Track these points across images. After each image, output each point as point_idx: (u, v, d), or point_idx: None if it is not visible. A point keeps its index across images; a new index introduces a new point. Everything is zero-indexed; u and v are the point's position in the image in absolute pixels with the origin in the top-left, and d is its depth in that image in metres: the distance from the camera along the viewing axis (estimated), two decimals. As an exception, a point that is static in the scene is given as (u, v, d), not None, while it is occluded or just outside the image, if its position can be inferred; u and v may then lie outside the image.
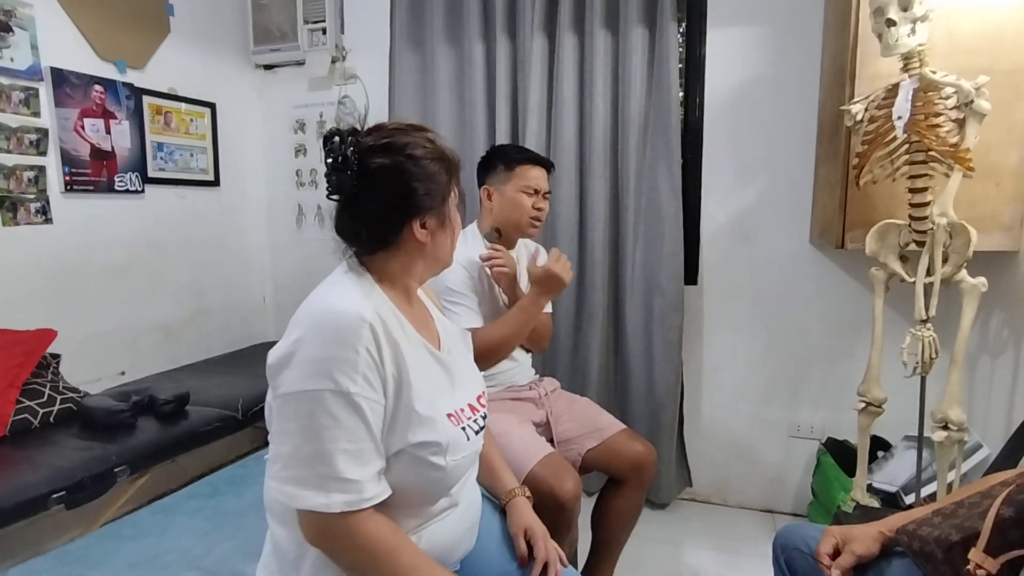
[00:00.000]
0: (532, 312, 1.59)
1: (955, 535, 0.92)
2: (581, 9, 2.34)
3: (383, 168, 0.93)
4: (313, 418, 0.84)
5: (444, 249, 1.04)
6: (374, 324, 0.88)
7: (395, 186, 0.94)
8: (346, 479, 0.84)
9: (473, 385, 1.10)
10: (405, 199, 0.95)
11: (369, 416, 0.87)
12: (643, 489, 1.67)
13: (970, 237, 1.59)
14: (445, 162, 0.99)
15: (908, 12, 1.53)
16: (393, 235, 0.97)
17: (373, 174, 0.93)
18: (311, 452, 0.84)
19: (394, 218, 0.96)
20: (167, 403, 1.99)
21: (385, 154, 0.94)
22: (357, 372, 0.86)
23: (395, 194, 0.95)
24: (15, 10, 1.99)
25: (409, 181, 0.95)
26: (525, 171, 1.69)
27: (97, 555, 1.22)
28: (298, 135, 2.98)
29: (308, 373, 0.85)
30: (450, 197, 1.01)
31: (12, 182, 2.01)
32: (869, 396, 1.80)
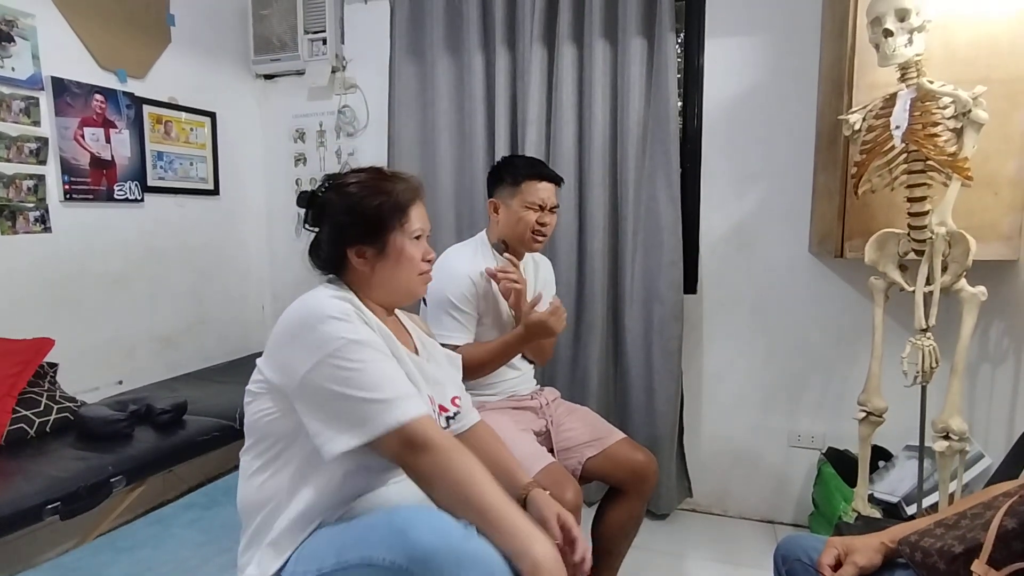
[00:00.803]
0: (515, 349, 1.63)
1: (958, 546, 0.91)
2: (580, 20, 2.35)
3: (327, 203, 1.10)
4: (340, 373, 0.93)
5: (396, 279, 1.12)
6: (352, 305, 1.01)
7: (333, 218, 1.09)
8: (395, 398, 0.93)
9: (446, 389, 1.18)
10: (340, 230, 1.09)
11: (381, 348, 0.98)
12: (644, 499, 1.66)
13: (969, 246, 1.59)
14: (387, 196, 1.09)
15: (905, 22, 1.54)
16: (338, 261, 1.10)
17: (322, 208, 1.10)
18: (357, 394, 0.92)
19: (335, 246, 1.09)
20: (164, 412, 1.98)
21: (332, 191, 1.10)
22: (352, 323, 0.97)
23: (333, 225, 1.09)
24: (17, 20, 2.00)
25: (342, 214, 1.08)
26: (530, 186, 1.68)
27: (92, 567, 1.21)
28: (298, 144, 2.98)
29: (313, 347, 0.95)
30: (395, 229, 1.09)
31: (11, 191, 2.01)
32: (870, 405, 1.80)
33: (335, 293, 1.05)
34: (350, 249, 1.08)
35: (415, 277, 1.13)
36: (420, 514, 0.86)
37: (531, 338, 1.59)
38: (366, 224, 1.08)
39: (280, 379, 1.00)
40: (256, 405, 1.06)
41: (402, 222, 1.10)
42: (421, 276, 1.14)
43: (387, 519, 0.88)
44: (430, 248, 1.17)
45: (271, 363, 1.03)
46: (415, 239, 1.12)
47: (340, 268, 1.11)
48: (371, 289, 1.11)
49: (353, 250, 1.08)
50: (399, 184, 1.12)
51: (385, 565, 0.82)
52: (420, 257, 1.13)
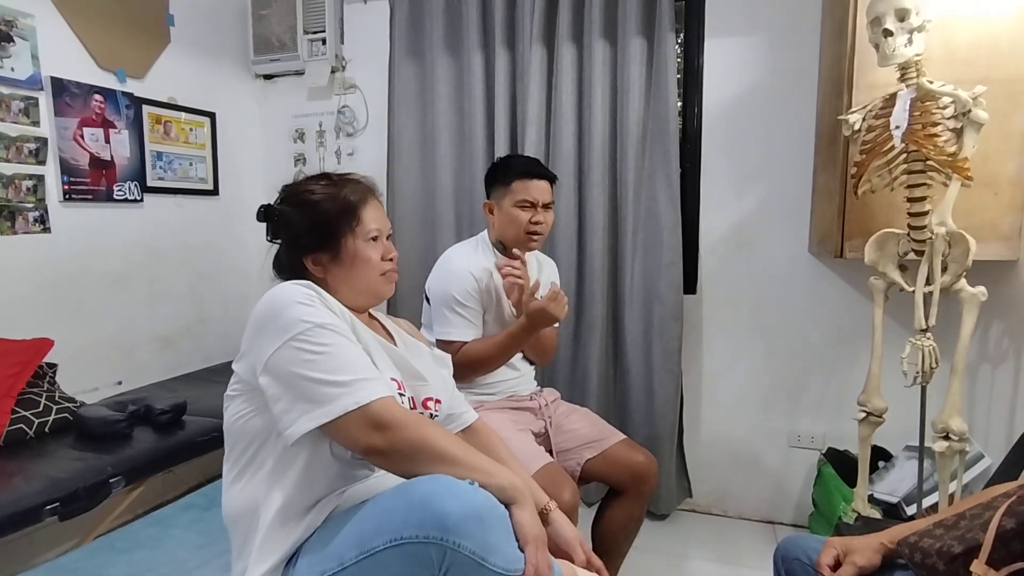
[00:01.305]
0: (520, 340, 1.62)
1: (957, 547, 0.91)
2: (579, 20, 2.35)
3: (281, 214, 1.13)
4: (304, 355, 0.92)
5: (355, 282, 1.11)
6: (315, 291, 1.00)
7: (287, 229, 1.12)
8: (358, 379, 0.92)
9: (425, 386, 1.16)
10: (294, 239, 1.11)
11: (346, 334, 0.97)
12: (644, 500, 1.66)
13: (969, 246, 1.59)
14: (335, 200, 1.10)
15: (905, 22, 1.54)
16: (297, 270, 1.11)
17: (277, 220, 1.14)
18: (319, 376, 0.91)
19: (291, 256, 1.12)
20: (164, 413, 1.98)
21: (285, 202, 1.14)
22: (316, 307, 0.97)
23: (288, 236, 1.13)
24: (16, 20, 2.00)
25: (293, 225, 1.11)
26: (522, 185, 1.67)
27: (90, 568, 1.21)
28: (297, 145, 2.98)
29: (277, 332, 0.95)
30: (347, 234, 1.09)
31: (11, 191, 2.01)
32: (869, 406, 1.79)
33: (298, 282, 1.04)
34: (306, 258, 1.10)
35: (375, 278, 1.13)
36: (433, 484, 0.86)
37: (534, 327, 1.58)
38: (317, 231, 1.09)
39: (249, 372, 1.00)
40: (232, 409, 1.06)
41: (353, 225, 1.10)
42: (384, 276, 1.13)
43: (404, 498, 0.86)
44: (391, 247, 1.16)
45: (243, 361, 1.02)
46: (371, 240, 1.11)
47: (300, 277, 1.10)
48: (334, 293, 1.09)
49: (309, 258, 1.10)
50: (348, 187, 1.12)
51: (418, 541, 0.81)
52: (379, 257, 1.12)
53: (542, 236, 1.73)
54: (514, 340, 1.61)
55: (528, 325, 1.58)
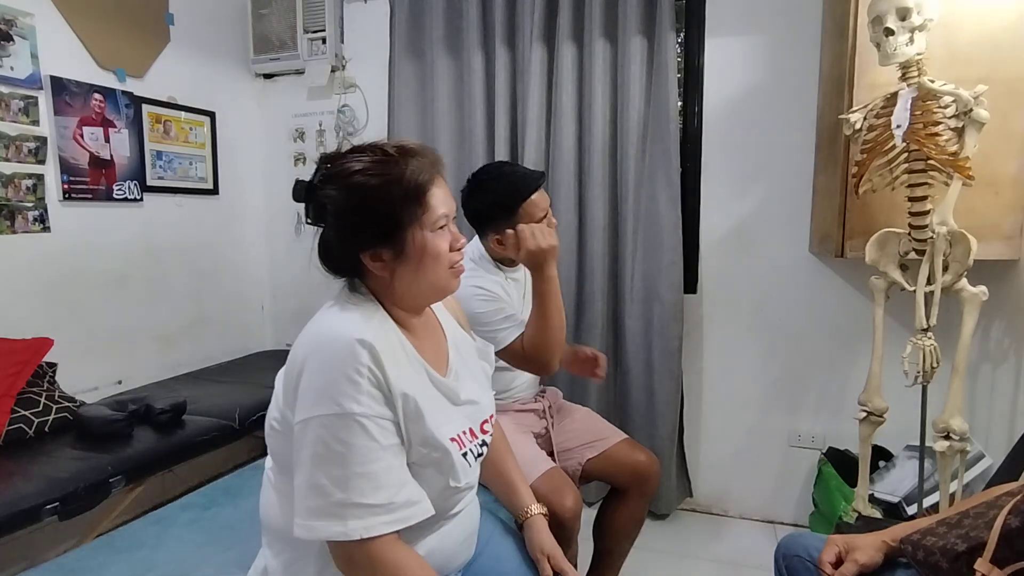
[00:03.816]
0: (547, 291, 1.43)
1: (961, 545, 0.91)
2: (580, 19, 2.35)
3: (329, 200, 0.91)
4: (323, 444, 0.82)
5: (422, 280, 0.95)
6: (374, 344, 0.85)
7: (338, 217, 0.91)
8: (361, 504, 0.82)
9: (479, 409, 1.06)
10: (349, 232, 0.92)
11: (379, 435, 0.84)
12: (645, 499, 1.66)
13: (970, 246, 1.59)
14: (397, 183, 0.90)
15: (906, 21, 1.54)
16: (353, 266, 0.95)
17: (323, 206, 0.91)
18: (323, 481, 0.82)
19: (346, 250, 0.93)
20: (163, 412, 1.97)
21: (331, 184, 0.91)
22: (360, 392, 0.83)
23: (340, 226, 0.92)
24: (16, 19, 2.00)
25: (348, 213, 0.90)
26: (527, 207, 1.51)
27: (90, 567, 1.20)
28: (297, 144, 2.98)
29: (313, 400, 0.84)
30: (413, 224, 0.92)
31: (10, 190, 2.01)
32: (870, 405, 1.79)
33: (355, 323, 0.89)
34: (363, 253, 0.92)
35: (444, 273, 0.96)
36: None
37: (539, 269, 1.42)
38: (377, 223, 0.91)
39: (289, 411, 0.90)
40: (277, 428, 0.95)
41: (420, 214, 0.92)
42: (452, 270, 0.98)
43: None
44: (458, 233, 0.99)
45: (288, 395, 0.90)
46: (439, 228, 0.94)
47: (357, 273, 0.96)
48: (395, 295, 0.96)
49: (367, 254, 0.92)
50: (411, 163, 0.91)
51: None
52: (447, 248, 0.96)
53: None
54: (541, 297, 1.44)
55: (536, 273, 1.44)
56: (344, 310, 0.92)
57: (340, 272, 0.97)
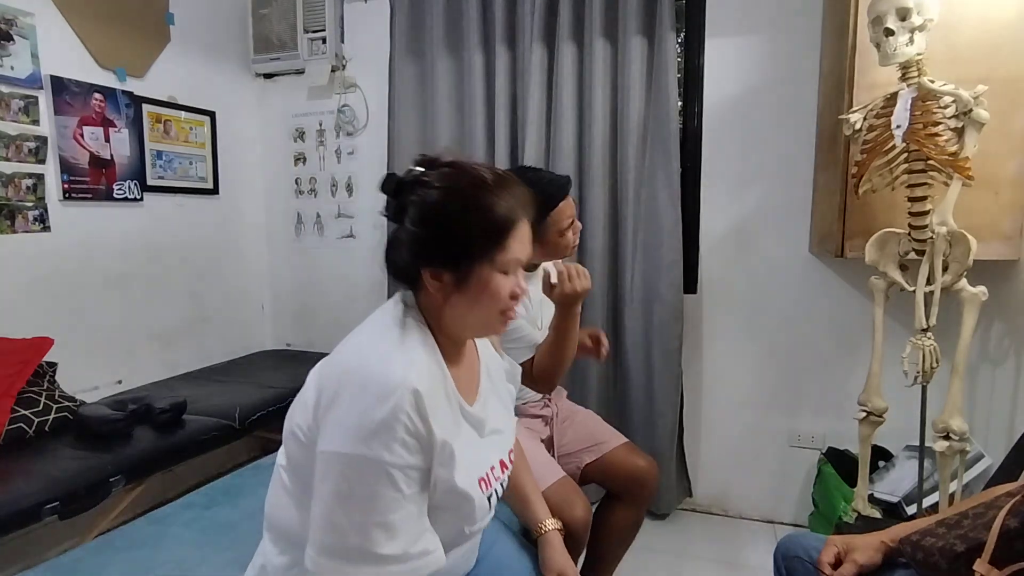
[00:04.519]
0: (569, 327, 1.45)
1: (960, 546, 0.91)
2: (580, 19, 2.35)
3: (412, 204, 0.88)
4: (347, 483, 0.80)
5: (471, 316, 0.91)
6: (419, 390, 0.81)
7: (414, 226, 0.88)
8: (376, 554, 0.80)
9: (504, 440, 1.03)
10: (418, 242, 0.88)
11: (404, 485, 0.81)
12: (643, 505, 1.63)
13: (970, 246, 1.59)
14: (483, 214, 0.86)
15: (906, 22, 1.54)
16: (413, 276, 0.91)
17: (404, 208, 0.89)
18: (342, 521, 0.80)
19: (411, 258, 0.89)
20: (164, 412, 1.97)
21: (419, 190, 0.88)
22: (396, 441, 0.80)
23: (413, 235, 0.88)
24: (16, 19, 2.00)
25: (422, 223, 0.87)
26: (555, 215, 1.51)
27: (90, 567, 1.20)
28: (297, 144, 2.98)
29: (345, 436, 0.80)
30: (484, 260, 0.87)
31: (10, 190, 2.01)
32: (870, 405, 1.79)
33: (407, 364, 0.83)
34: (425, 268, 0.88)
35: (494, 315, 0.92)
36: None
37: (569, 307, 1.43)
38: (448, 246, 0.87)
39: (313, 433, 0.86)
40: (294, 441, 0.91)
41: (495, 253, 0.88)
42: (503, 314, 0.93)
43: None
44: (522, 281, 0.93)
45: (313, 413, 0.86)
46: (507, 272, 0.89)
47: (414, 284, 0.92)
48: (442, 320, 0.92)
49: (428, 270, 0.88)
50: (503, 198, 0.87)
51: None
52: (508, 293, 0.90)
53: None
54: (562, 333, 1.45)
55: (562, 312, 1.44)
56: (397, 342, 0.87)
57: (398, 277, 0.94)
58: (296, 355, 2.92)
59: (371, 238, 2.88)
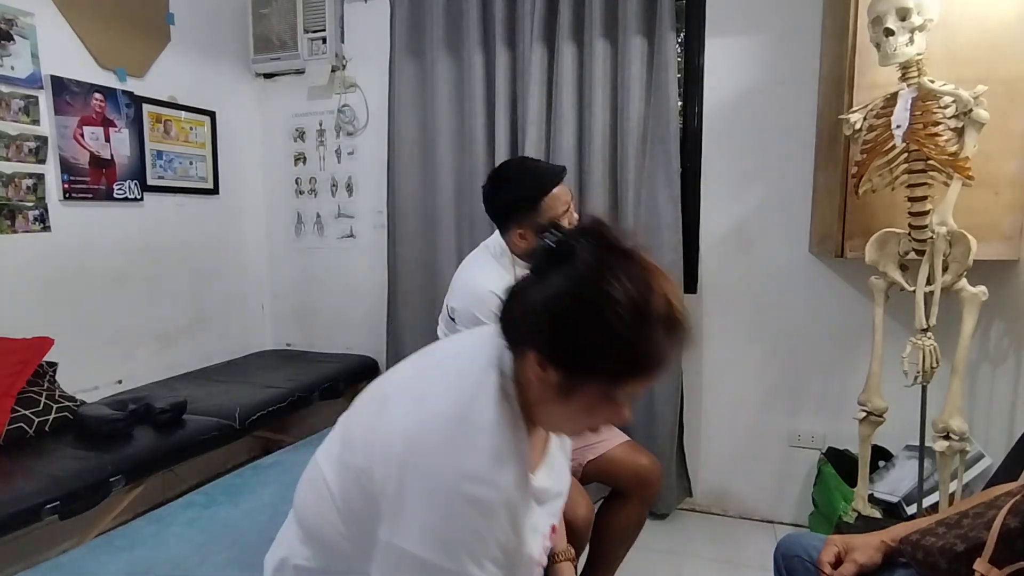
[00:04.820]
0: None
1: (960, 545, 0.91)
2: (580, 19, 2.35)
3: (563, 278, 0.73)
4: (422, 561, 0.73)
5: (554, 418, 0.82)
6: (515, 503, 0.76)
7: (551, 306, 0.73)
8: None
9: (559, 500, 0.97)
10: (544, 326, 0.74)
11: (502, 552, 0.76)
12: (647, 503, 1.62)
13: (970, 246, 1.59)
14: (631, 352, 0.72)
15: (906, 22, 1.54)
16: (519, 350, 0.79)
17: (547, 272, 0.75)
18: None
19: (526, 330, 0.77)
20: (164, 412, 1.98)
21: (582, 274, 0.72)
22: (487, 557, 0.74)
23: (544, 313, 0.74)
24: (16, 19, 2.00)
25: (560, 315, 0.73)
26: (549, 200, 1.54)
27: (90, 567, 1.20)
28: (297, 144, 2.98)
29: (426, 539, 0.73)
30: (602, 385, 0.75)
31: (10, 190, 2.01)
32: (870, 405, 1.79)
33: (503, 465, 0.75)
34: (537, 354, 0.76)
35: (575, 427, 0.86)
36: None
37: None
38: (573, 352, 0.74)
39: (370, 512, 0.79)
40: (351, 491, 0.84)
41: (618, 385, 0.76)
42: (577, 429, 0.87)
43: None
44: (627, 411, 0.80)
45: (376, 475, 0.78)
46: (611, 399, 0.78)
47: (516, 353, 0.80)
48: (530, 403, 0.81)
49: (538, 358, 0.76)
50: (661, 340, 0.73)
51: None
52: (599, 420, 0.81)
53: None
54: None
55: None
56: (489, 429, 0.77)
57: (505, 332, 0.81)
58: (296, 355, 2.93)
59: (371, 238, 2.88)
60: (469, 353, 0.85)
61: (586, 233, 0.76)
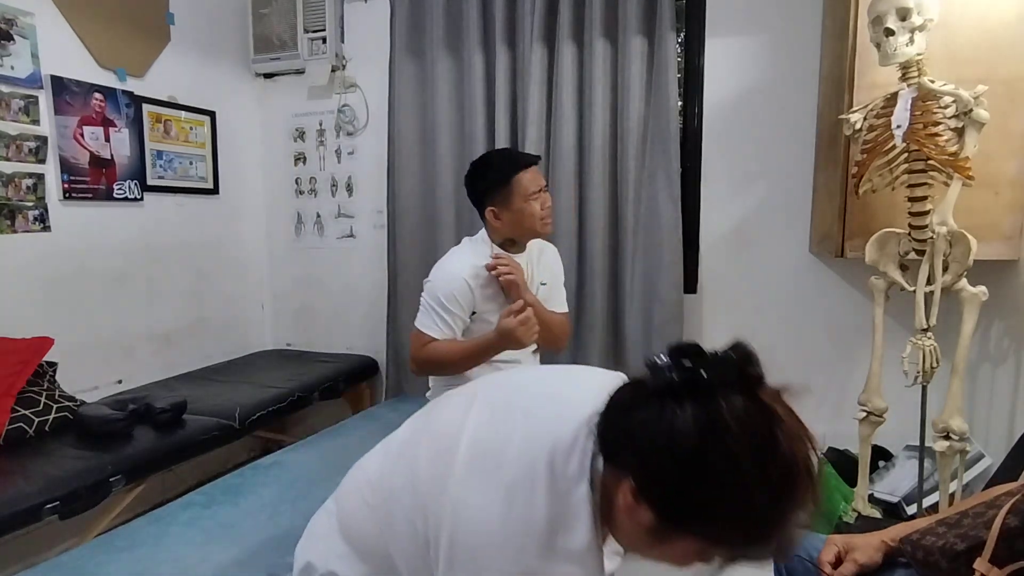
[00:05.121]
0: (488, 352, 1.60)
1: (960, 545, 0.91)
2: (580, 19, 2.35)
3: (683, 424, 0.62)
4: None
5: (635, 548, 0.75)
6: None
7: (670, 446, 0.63)
8: None
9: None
10: (656, 469, 0.65)
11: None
12: None
13: (970, 246, 1.59)
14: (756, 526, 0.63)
15: (906, 22, 1.54)
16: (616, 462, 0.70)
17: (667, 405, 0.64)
18: None
19: (632, 458, 0.67)
20: (164, 412, 1.97)
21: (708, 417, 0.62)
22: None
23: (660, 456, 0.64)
24: (16, 18, 2.00)
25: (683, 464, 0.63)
26: (520, 179, 1.65)
27: (90, 567, 1.20)
28: (297, 143, 2.98)
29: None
30: (703, 542, 0.67)
31: (10, 189, 2.01)
32: (870, 405, 1.79)
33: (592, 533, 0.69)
34: (635, 487, 0.66)
35: (643, 554, 0.75)
36: None
37: (501, 344, 1.58)
38: (691, 516, 0.65)
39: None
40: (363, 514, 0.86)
41: (722, 549, 0.67)
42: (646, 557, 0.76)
43: None
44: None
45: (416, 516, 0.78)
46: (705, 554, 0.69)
47: (608, 471, 0.71)
48: (615, 522, 0.73)
49: (635, 491, 0.66)
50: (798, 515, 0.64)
51: None
52: (679, 564, 0.72)
53: (552, 219, 1.73)
54: (481, 351, 1.60)
55: (495, 341, 1.57)
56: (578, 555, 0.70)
57: (604, 443, 0.71)
58: (296, 355, 2.93)
59: (371, 238, 2.88)
60: (561, 443, 0.73)
61: (730, 368, 0.64)
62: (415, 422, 0.96)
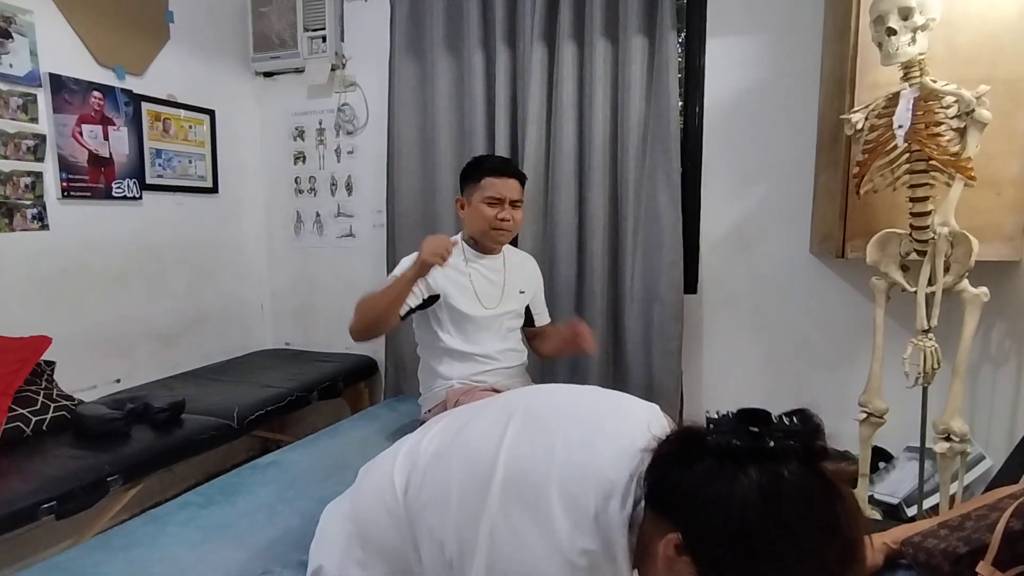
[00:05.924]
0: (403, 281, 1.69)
1: (963, 548, 0.91)
2: (581, 18, 2.34)
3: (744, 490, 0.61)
4: None
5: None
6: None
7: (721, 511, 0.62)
8: None
9: None
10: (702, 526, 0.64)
11: None
12: None
13: (972, 246, 1.58)
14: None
15: (908, 21, 1.53)
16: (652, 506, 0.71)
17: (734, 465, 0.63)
18: None
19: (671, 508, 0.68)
20: (162, 411, 1.97)
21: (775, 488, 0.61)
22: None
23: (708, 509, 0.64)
24: (15, 16, 1.99)
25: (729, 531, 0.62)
26: (489, 182, 1.75)
27: (86, 566, 1.19)
28: (297, 143, 2.97)
29: None
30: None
31: (9, 188, 2.00)
32: (870, 406, 1.79)
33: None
34: (681, 541, 0.66)
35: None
36: None
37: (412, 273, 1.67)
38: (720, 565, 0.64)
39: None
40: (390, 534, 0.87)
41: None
42: None
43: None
44: None
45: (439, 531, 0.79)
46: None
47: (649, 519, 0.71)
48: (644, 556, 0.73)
49: (680, 546, 0.66)
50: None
51: None
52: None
53: (509, 233, 1.81)
54: (396, 282, 1.71)
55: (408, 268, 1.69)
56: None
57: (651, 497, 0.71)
58: (295, 354, 2.92)
59: (371, 237, 2.87)
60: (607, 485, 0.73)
61: (797, 438, 0.63)
62: (445, 433, 0.92)
